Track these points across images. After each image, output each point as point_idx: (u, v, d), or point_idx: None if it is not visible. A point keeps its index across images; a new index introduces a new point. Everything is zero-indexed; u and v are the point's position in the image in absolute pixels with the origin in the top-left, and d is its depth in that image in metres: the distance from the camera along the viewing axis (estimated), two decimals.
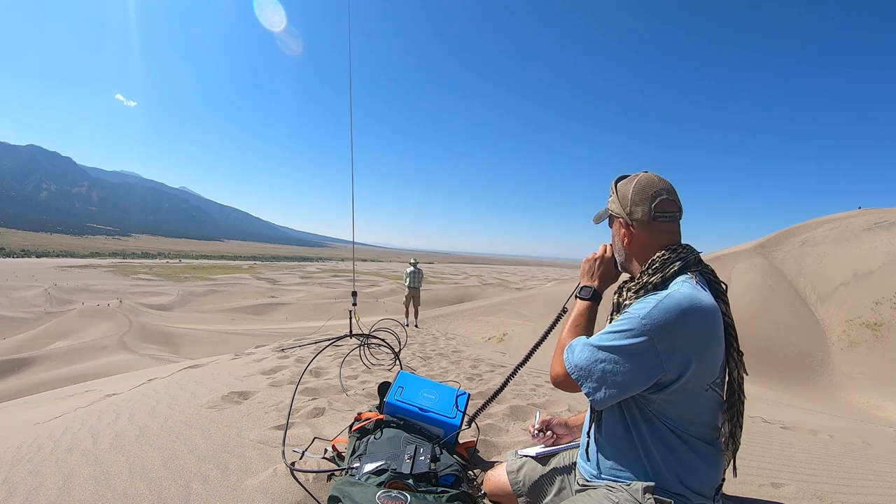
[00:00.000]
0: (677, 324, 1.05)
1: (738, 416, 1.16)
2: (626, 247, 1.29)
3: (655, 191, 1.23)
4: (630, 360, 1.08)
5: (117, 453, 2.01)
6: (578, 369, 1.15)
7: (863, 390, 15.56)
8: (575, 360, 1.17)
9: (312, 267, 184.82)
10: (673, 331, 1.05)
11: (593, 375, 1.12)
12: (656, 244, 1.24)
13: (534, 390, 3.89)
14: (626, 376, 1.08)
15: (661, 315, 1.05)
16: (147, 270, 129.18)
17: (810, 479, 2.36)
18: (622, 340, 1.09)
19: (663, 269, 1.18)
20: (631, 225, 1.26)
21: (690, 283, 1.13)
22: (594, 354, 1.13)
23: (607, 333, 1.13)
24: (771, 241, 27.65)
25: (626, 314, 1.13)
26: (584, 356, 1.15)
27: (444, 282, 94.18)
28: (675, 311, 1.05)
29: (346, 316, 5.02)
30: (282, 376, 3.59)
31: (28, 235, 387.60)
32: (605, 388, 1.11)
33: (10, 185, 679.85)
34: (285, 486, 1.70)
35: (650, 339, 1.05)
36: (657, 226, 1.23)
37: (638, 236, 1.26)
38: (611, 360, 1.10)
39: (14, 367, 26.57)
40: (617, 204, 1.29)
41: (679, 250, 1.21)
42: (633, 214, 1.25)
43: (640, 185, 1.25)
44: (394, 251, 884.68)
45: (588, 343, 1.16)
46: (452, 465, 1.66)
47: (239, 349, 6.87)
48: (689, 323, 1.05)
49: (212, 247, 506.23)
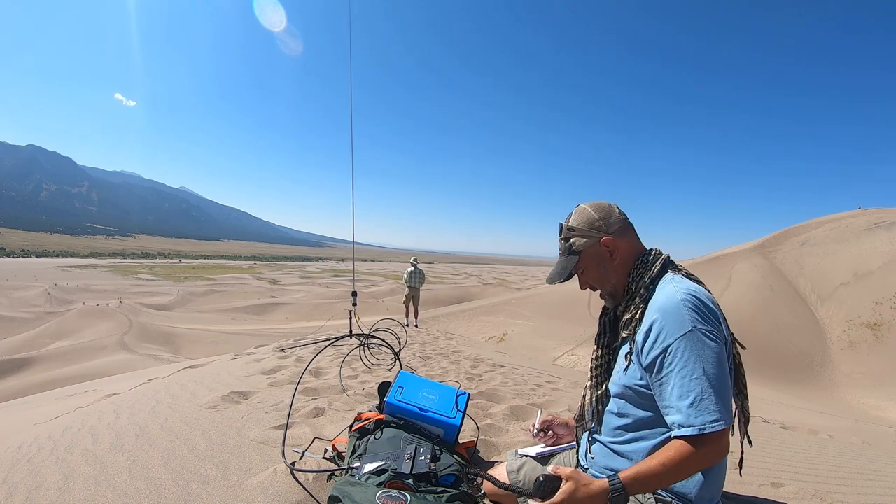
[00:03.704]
0: (706, 308, 1.11)
1: (744, 388, 1.23)
2: (614, 262, 1.27)
3: (609, 205, 1.31)
4: (723, 358, 1.09)
5: (117, 453, 2.01)
6: (727, 410, 1.05)
7: (863, 390, 15.55)
8: (721, 412, 1.04)
9: (312, 267, 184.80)
10: (707, 314, 1.10)
11: (728, 400, 1.07)
12: (634, 250, 1.29)
13: (534, 390, 3.90)
14: (728, 372, 1.11)
15: (695, 311, 1.09)
16: (147, 270, 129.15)
17: (810, 479, 2.36)
18: (702, 361, 1.05)
19: (648, 270, 1.24)
20: (612, 236, 1.27)
21: (679, 278, 1.20)
22: (717, 388, 1.05)
23: (688, 379, 1.06)
24: (771, 241, 27.65)
25: (666, 345, 1.10)
26: (717, 399, 1.04)
27: (444, 282, 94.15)
28: (698, 299, 1.11)
29: (347, 316, 5.03)
30: (282, 376, 3.59)
31: (28, 235, 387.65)
32: (731, 400, 1.10)
33: (10, 185, 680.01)
34: (285, 486, 1.70)
35: (707, 330, 1.08)
36: (630, 231, 1.30)
37: (621, 245, 1.27)
38: (721, 374, 1.07)
39: (14, 367, 26.57)
40: (587, 232, 1.28)
41: (653, 252, 1.28)
42: (611, 227, 1.27)
43: (595, 206, 1.30)
44: (394, 251, 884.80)
45: (703, 394, 1.04)
46: (452, 465, 1.66)
47: (239, 349, 6.86)
48: (710, 303, 1.13)
49: (212, 247, 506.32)
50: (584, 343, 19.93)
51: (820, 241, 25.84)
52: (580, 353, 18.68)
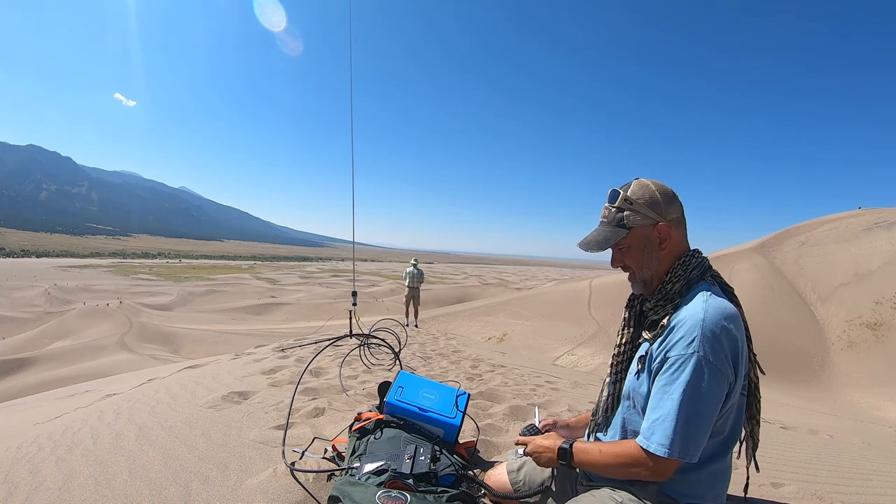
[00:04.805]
0: (725, 338, 1.05)
1: (757, 413, 1.21)
2: (661, 251, 1.20)
3: (673, 192, 1.22)
4: (713, 396, 1.05)
5: (117, 453, 2.01)
6: (682, 444, 1.03)
7: (863, 390, 15.56)
8: (673, 440, 1.04)
9: (312, 267, 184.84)
10: (723, 346, 1.05)
11: (693, 437, 1.04)
12: (681, 246, 1.22)
13: (534, 390, 3.90)
14: (713, 412, 1.06)
15: (711, 338, 1.05)
16: (147, 270, 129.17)
17: (810, 479, 2.36)
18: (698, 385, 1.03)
19: (686, 274, 1.18)
20: (668, 224, 1.19)
21: (715, 292, 1.14)
22: (683, 417, 1.03)
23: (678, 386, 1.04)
24: (771, 241, 27.67)
25: (667, 355, 1.09)
26: (678, 428, 1.03)
27: (444, 282, 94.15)
28: (720, 327, 1.06)
29: (346, 316, 5.02)
30: (282, 376, 3.59)
31: (28, 235, 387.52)
32: (701, 438, 1.06)
33: (10, 185, 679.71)
34: (285, 486, 1.70)
35: (713, 362, 1.04)
36: (683, 225, 1.23)
37: (675, 237, 1.20)
38: (702, 409, 1.04)
39: (14, 367, 26.59)
40: (646, 210, 1.19)
41: (695, 254, 1.22)
42: (670, 215, 1.19)
43: (660, 188, 1.20)
44: (394, 251, 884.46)
45: (667, 416, 1.04)
46: (452, 465, 1.66)
47: (239, 349, 6.87)
48: (732, 332, 1.07)
49: (212, 247, 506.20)
50: (584, 343, 19.94)
51: (820, 241, 25.86)
52: (580, 353, 18.69)
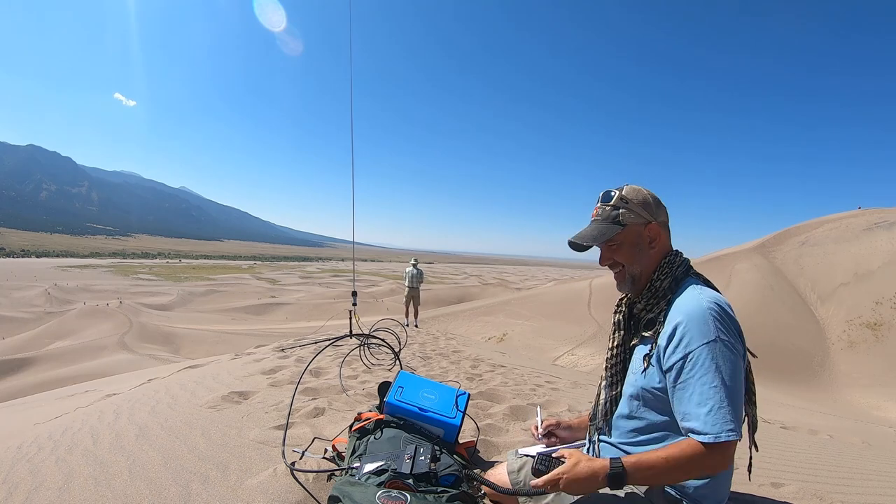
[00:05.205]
0: (731, 320, 1.13)
1: (753, 395, 1.26)
2: (650, 250, 1.29)
3: (660, 199, 1.33)
4: (741, 373, 1.11)
5: (117, 453, 2.01)
6: (739, 424, 1.06)
7: (863, 390, 15.56)
8: (735, 423, 1.05)
9: (312, 267, 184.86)
10: (733, 327, 1.13)
11: (741, 415, 1.09)
12: (667, 247, 1.32)
13: (534, 390, 3.90)
14: (744, 387, 1.13)
15: (721, 322, 1.11)
16: (147, 270, 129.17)
17: (810, 479, 2.36)
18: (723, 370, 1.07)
19: (673, 271, 1.27)
20: (659, 226, 1.30)
21: (702, 286, 1.24)
22: (732, 400, 1.06)
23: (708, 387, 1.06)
24: (771, 241, 27.68)
25: (688, 351, 1.11)
26: (734, 411, 1.06)
27: (444, 282, 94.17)
28: (724, 311, 1.13)
29: (346, 316, 5.03)
30: (282, 376, 3.59)
31: (28, 235, 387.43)
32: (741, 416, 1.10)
33: (10, 185, 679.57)
34: (285, 486, 1.70)
35: (732, 343, 1.11)
36: (668, 229, 1.33)
37: (663, 238, 1.30)
38: (740, 387, 1.10)
39: (14, 367, 26.59)
40: (639, 210, 1.28)
41: (678, 253, 1.32)
42: (659, 217, 1.30)
43: (650, 193, 1.32)
44: (394, 251, 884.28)
45: (720, 404, 1.05)
46: (452, 466, 1.66)
47: (239, 349, 6.87)
48: (733, 315, 1.16)
49: (212, 247, 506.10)
50: (584, 343, 19.94)
51: (820, 241, 25.86)
52: (580, 353, 18.69)
